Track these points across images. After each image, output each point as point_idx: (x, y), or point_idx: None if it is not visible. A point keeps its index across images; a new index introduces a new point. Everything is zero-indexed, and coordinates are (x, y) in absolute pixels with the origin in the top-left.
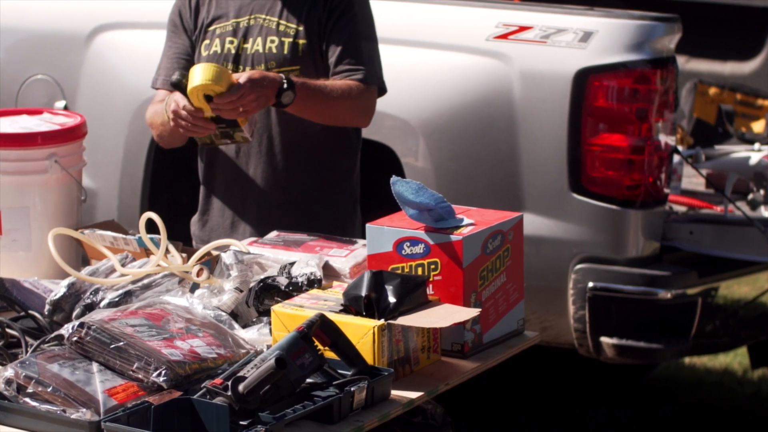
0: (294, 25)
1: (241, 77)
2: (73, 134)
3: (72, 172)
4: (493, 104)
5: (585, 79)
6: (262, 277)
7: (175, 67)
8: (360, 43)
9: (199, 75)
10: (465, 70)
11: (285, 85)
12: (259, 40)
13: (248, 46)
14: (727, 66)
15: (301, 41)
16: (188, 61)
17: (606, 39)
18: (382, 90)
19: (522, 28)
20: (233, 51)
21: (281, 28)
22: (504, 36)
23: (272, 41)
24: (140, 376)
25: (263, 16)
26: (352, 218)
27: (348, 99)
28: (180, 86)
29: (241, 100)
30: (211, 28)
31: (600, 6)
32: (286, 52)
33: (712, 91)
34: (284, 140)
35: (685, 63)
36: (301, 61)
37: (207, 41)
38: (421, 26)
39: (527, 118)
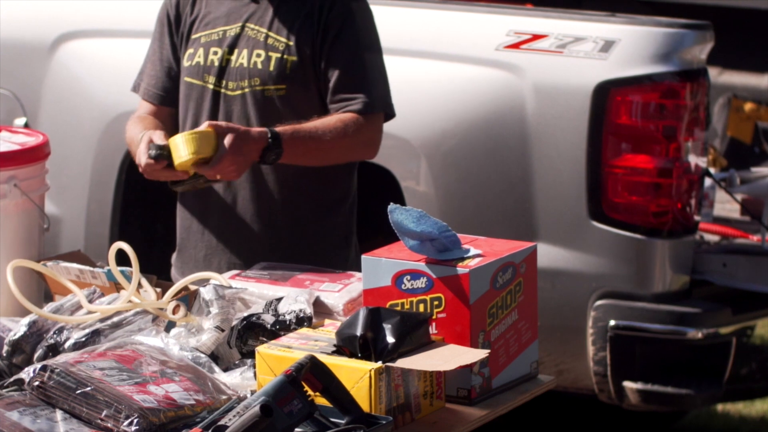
0: (284, 39)
1: (225, 140)
2: (34, 155)
3: (33, 197)
4: (503, 121)
5: (606, 93)
6: (245, 314)
7: (160, 76)
8: (361, 65)
9: (184, 149)
10: (472, 84)
11: (270, 143)
12: (245, 52)
13: (233, 58)
14: (765, 79)
15: (291, 58)
16: (169, 71)
17: (629, 49)
18: (389, 114)
19: (536, 37)
20: (216, 63)
21: (269, 41)
22: (516, 45)
23: (258, 55)
24: (109, 424)
25: (252, 26)
26: (345, 253)
27: (345, 138)
28: (160, 158)
29: (220, 171)
30: (196, 35)
31: (622, 12)
32: (272, 68)
33: (748, 106)
34: (269, 166)
35: (717, 75)
36: (288, 79)
37: (191, 50)
38: (423, 34)
39: (541, 136)
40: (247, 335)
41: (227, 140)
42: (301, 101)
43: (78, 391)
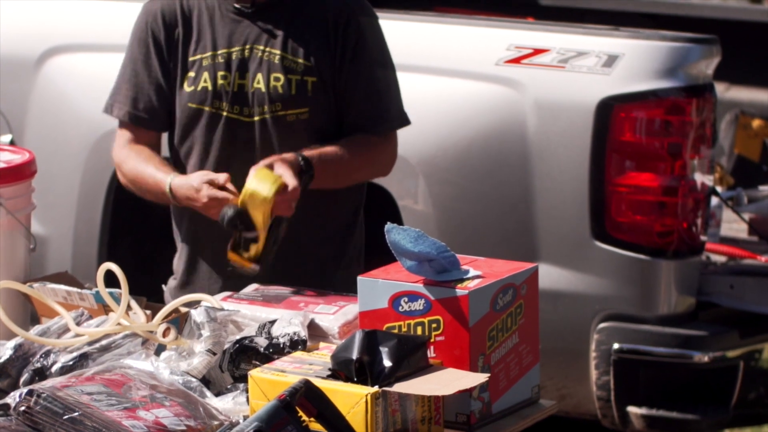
0: (301, 60)
1: (283, 173)
2: (20, 173)
3: (19, 216)
4: (503, 138)
5: (609, 109)
6: (238, 337)
7: (149, 99)
8: (377, 86)
9: (264, 188)
10: (471, 100)
11: (303, 167)
12: (260, 76)
13: (246, 82)
14: None
15: (311, 79)
16: (158, 90)
17: (633, 63)
18: (404, 123)
19: (537, 51)
20: (228, 88)
21: (286, 63)
22: (516, 60)
23: (277, 79)
24: None
25: (262, 48)
26: (358, 269)
27: (364, 159)
28: (238, 224)
29: (294, 194)
30: (195, 57)
31: (626, 26)
32: (294, 91)
33: (756, 123)
34: None
35: (724, 91)
36: (310, 101)
37: (191, 73)
38: (421, 49)
39: (543, 154)
40: (240, 359)
41: (281, 163)
42: (323, 123)
43: (65, 417)
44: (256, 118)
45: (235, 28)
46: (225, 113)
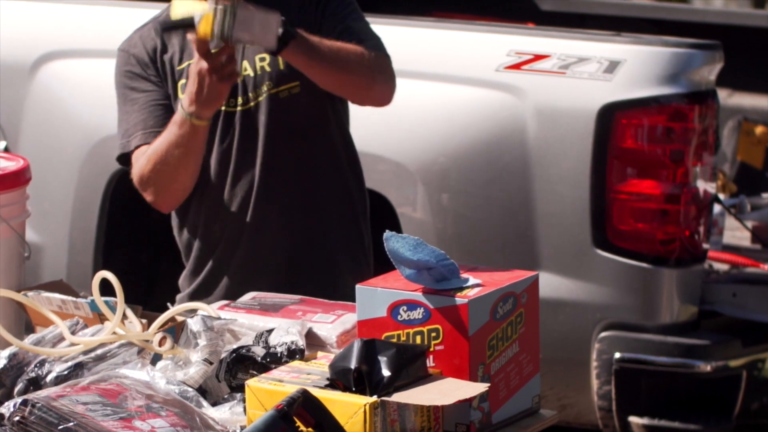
0: None
1: None
2: (14, 180)
3: (13, 224)
4: (503, 145)
5: (611, 116)
6: (234, 346)
7: (158, 115)
8: (358, 22)
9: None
10: (471, 106)
11: (282, 23)
12: (246, 63)
13: None
14: None
15: None
16: (165, 107)
17: (635, 69)
18: None
19: (537, 57)
20: None
21: None
22: (516, 66)
23: (262, 59)
24: None
25: None
26: (369, 261)
27: (361, 56)
28: (177, 24)
29: None
30: (182, 66)
31: (628, 31)
32: (282, 67)
33: (759, 130)
34: (286, 180)
35: (727, 97)
36: (300, 74)
37: (183, 81)
38: (420, 55)
39: (543, 161)
40: (237, 368)
41: None
42: (316, 96)
43: (60, 427)
44: (251, 104)
45: None
46: (224, 108)
